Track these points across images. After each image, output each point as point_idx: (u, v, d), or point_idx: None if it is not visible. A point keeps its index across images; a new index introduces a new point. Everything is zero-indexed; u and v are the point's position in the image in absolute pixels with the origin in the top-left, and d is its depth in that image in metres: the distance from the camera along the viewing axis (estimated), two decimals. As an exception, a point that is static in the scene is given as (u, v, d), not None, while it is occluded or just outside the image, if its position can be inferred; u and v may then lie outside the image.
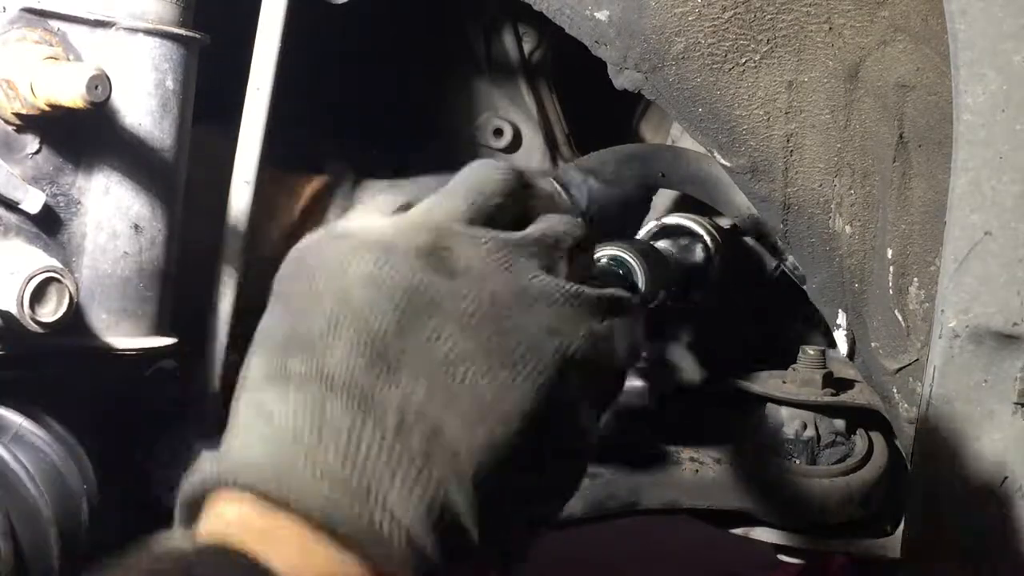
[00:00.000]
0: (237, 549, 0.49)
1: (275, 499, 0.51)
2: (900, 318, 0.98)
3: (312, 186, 1.17)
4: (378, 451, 0.52)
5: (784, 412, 1.25)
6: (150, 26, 0.93)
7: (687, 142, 1.32)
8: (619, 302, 0.62)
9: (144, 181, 0.95)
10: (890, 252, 0.97)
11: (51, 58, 0.88)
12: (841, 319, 1.04)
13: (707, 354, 1.33)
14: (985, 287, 0.84)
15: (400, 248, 0.57)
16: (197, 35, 0.96)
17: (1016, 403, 0.86)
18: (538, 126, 1.43)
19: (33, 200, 0.89)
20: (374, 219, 0.60)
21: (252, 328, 0.59)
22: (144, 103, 0.94)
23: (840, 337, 1.06)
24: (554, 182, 1.12)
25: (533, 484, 0.58)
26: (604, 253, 1.09)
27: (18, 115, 0.88)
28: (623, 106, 1.48)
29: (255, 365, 0.57)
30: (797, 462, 1.23)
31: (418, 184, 1.16)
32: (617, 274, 1.07)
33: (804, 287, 1.08)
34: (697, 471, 1.24)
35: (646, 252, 1.12)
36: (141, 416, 1.03)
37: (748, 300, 1.34)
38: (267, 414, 0.54)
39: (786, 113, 0.97)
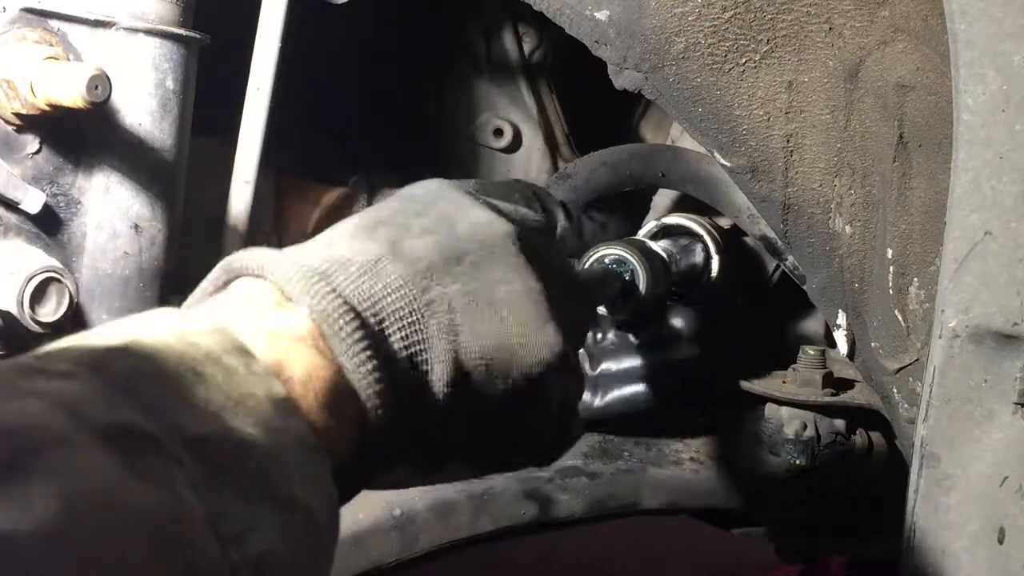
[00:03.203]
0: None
1: (293, 298, 0.58)
2: (900, 318, 0.98)
3: (331, 196, 1.17)
4: (398, 306, 0.60)
5: (784, 412, 1.25)
6: (150, 26, 0.93)
7: (687, 142, 1.32)
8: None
9: (144, 181, 0.95)
10: (890, 252, 0.97)
11: (51, 58, 0.88)
12: (841, 319, 1.04)
13: (707, 354, 1.33)
14: (985, 287, 0.84)
15: (508, 226, 0.70)
16: (197, 35, 0.96)
17: (1016, 403, 0.86)
18: (538, 126, 1.43)
19: (33, 200, 0.89)
20: None
21: None
22: (144, 103, 0.94)
23: (840, 337, 1.06)
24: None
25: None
26: (605, 253, 1.09)
27: (18, 115, 0.88)
28: (623, 106, 1.48)
29: (345, 222, 0.66)
30: (797, 462, 1.23)
31: None
32: (618, 274, 1.07)
33: (804, 287, 1.08)
34: (697, 471, 1.24)
35: (647, 252, 1.12)
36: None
37: (748, 300, 1.34)
38: (330, 243, 0.63)
39: (786, 113, 0.97)
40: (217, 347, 0.52)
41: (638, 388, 1.19)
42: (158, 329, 0.52)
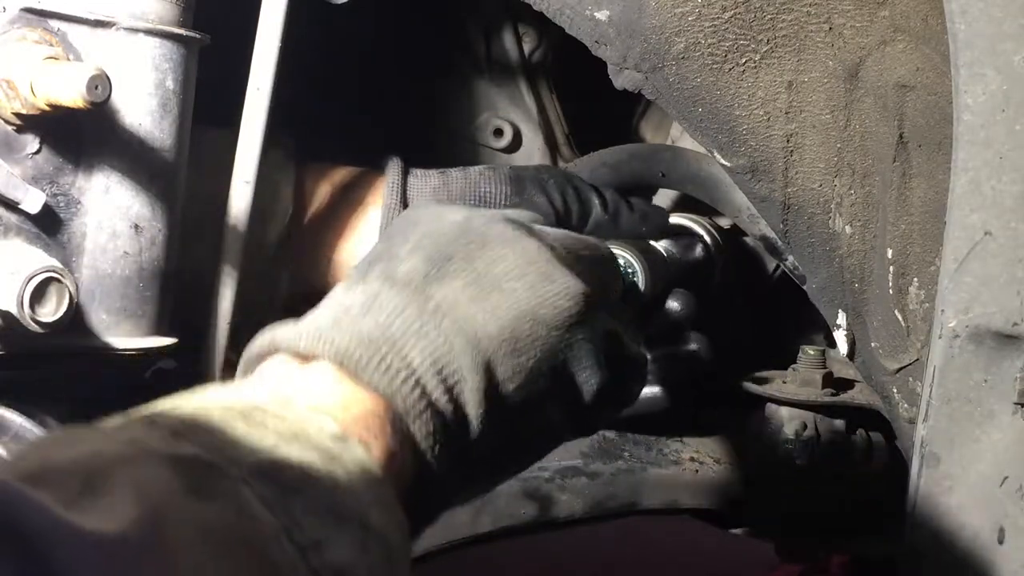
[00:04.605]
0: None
1: (308, 353, 0.60)
2: (900, 318, 0.98)
3: (340, 173, 1.16)
4: (408, 325, 0.61)
5: (784, 412, 1.25)
6: (150, 26, 0.93)
7: (687, 142, 1.32)
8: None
9: (144, 181, 0.95)
10: (890, 252, 0.97)
11: (51, 58, 0.87)
12: (841, 319, 1.04)
13: (707, 355, 1.33)
14: (985, 287, 0.84)
15: (488, 212, 0.72)
16: (197, 35, 0.96)
17: (1016, 403, 0.86)
18: (538, 126, 1.43)
19: (33, 200, 0.89)
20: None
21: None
22: (144, 103, 0.94)
23: (840, 337, 1.06)
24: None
25: (544, 414, 0.67)
26: (604, 253, 1.09)
27: (18, 115, 0.88)
28: (623, 106, 1.48)
29: (343, 279, 0.69)
30: (797, 462, 1.23)
31: (466, 173, 1.16)
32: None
33: (804, 287, 1.08)
34: (697, 471, 1.24)
35: (647, 251, 1.12)
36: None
37: (748, 300, 1.34)
38: (330, 300, 0.65)
39: (786, 113, 0.97)
40: (257, 399, 0.53)
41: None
42: (195, 397, 0.54)
